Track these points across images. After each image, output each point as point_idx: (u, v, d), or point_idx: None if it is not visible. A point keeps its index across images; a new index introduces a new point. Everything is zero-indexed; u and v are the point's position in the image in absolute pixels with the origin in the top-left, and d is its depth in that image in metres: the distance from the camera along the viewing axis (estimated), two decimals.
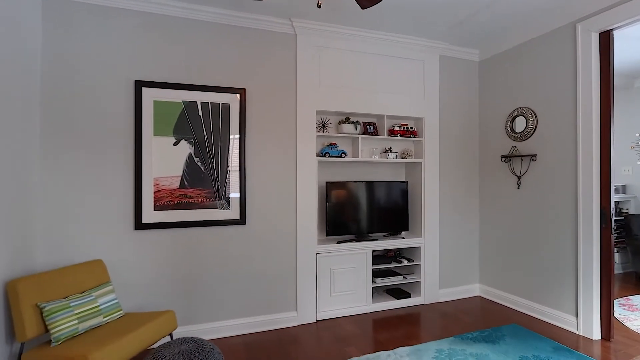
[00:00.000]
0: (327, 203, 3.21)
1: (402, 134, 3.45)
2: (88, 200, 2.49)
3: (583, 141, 2.76)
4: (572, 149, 2.85)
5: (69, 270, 2.21)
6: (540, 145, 3.12)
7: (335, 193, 3.24)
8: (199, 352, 1.88)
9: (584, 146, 2.76)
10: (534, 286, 3.17)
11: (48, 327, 1.92)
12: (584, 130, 2.76)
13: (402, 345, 2.62)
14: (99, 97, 2.52)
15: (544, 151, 3.08)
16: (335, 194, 3.25)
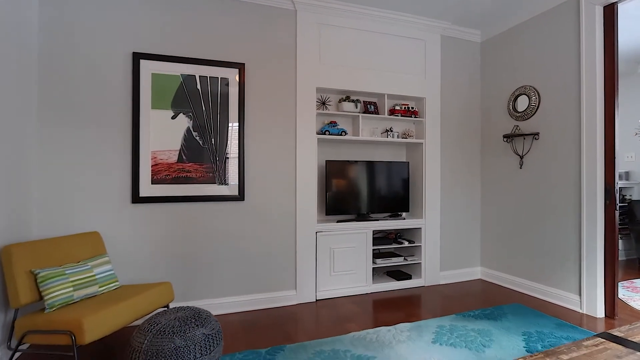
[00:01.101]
0: (327, 182, 3.17)
1: (402, 113, 3.42)
2: (85, 172, 2.45)
3: (587, 117, 2.72)
4: (576, 125, 2.81)
5: (65, 239, 2.18)
6: (542, 124, 3.08)
7: (335, 172, 3.21)
8: (195, 319, 1.85)
9: (588, 122, 2.71)
10: (536, 266, 3.13)
11: (42, 294, 1.88)
12: (588, 106, 2.72)
13: (403, 322, 2.58)
14: (97, 69, 2.48)
15: (546, 129, 3.04)
16: (335, 173, 3.21)
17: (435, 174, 3.49)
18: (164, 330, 1.72)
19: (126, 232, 2.54)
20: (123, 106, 2.54)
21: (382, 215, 3.59)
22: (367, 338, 2.30)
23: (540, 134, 3.10)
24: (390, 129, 3.45)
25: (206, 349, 1.77)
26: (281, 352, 2.12)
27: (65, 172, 2.41)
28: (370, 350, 2.13)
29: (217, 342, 1.85)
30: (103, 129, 2.50)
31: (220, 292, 2.77)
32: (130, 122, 2.56)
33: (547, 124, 3.04)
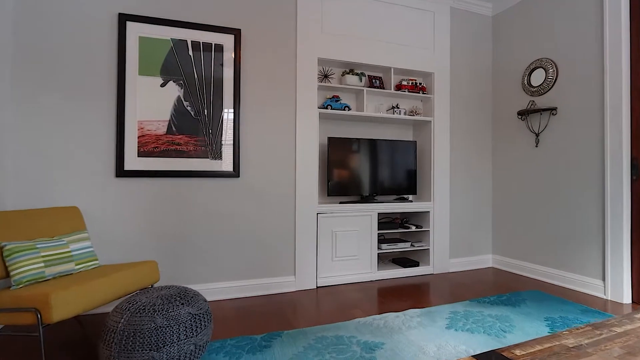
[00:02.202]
0: (328, 160, 2.96)
1: (410, 89, 3.20)
2: (65, 141, 2.24)
3: (611, 88, 2.51)
4: (598, 97, 2.59)
5: (40, 212, 1.97)
6: (560, 98, 2.86)
7: (337, 150, 2.99)
8: (180, 297, 1.63)
9: (612, 93, 2.50)
10: (555, 252, 2.90)
11: (8, 269, 1.67)
12: (612, 76, 2.50)
13: (413, 308, 2.36)
14: (79, 29, 2.27)
15: (565, 103, 2.83)
16: (338, 151, 2.99)
17: (444, 153, 3.28)
18: (144, 308, 1.51)
19: (109, 209, 2.32)
20: (107, 71, 2.33)
21: (388, 198, 3.38)
22: (374, 324, 2.08)
23: (558, 109, 2.88)
24: (396, 106, 3.24)
25: (192, 330, 1.55)
26: (278, 339, 1.90)
27: (42, 139, 2.20)
28: (377, 337, 1.91)
29: (205, 324, 1.63)
30: (85, 95, 2.28)
31: (213, 277, 2.55)
32: (115, 88, 2.34)
33: (565, 97, 2.82)
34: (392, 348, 1.78)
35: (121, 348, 1.41)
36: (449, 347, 1.79)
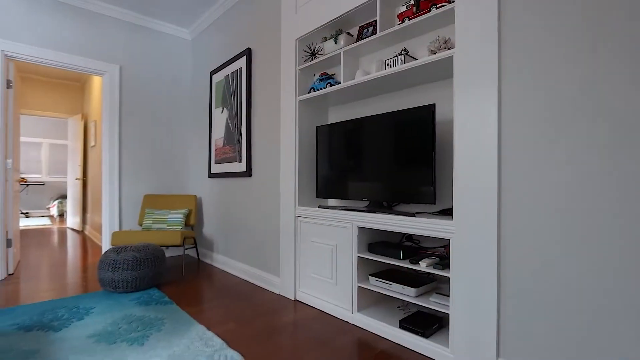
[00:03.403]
0: (317, 154, 2.45)
1: (409, 16, 1.82)
2: (195, 158, 3.88)
3: None
4: None
5: (173, 196, 3.71)
6: None
7: (325, 141, 2.38)
8: (145, 250, 2.63)
9: None
10: None
11: (143, 221, 3.49)
12: None
13: None
14: (187, 88, 3.82)
15: None
16: (326, 142, 2.38)
17: (479, 121, 1.49)
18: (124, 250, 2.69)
19: (206, 197, 3.67)
20: (206, 109, 3.70)
21: (396, 203, 2.07)
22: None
23: None
24: (404, 51, 1.94)
25: (134, 265, 2.52)
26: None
27: (190, 158, 3.97)
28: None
29: (147, 265, 2.52)
30: (201, 128, 3.80)
31: (234, 255, 3.15)
32: (208, 120, 3.66)
33: None
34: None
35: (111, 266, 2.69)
36: None
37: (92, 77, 5.52)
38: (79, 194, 5.80)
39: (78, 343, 1.79)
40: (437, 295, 1.75)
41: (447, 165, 1.90)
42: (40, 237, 5.19)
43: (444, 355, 1.62)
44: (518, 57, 1.41)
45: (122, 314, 2.19)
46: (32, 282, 2.89)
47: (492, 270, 1.45)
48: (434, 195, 1.72)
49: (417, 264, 1.77)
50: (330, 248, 2.22)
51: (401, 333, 1.81)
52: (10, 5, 3.00)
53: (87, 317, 2.14)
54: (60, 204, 7.26)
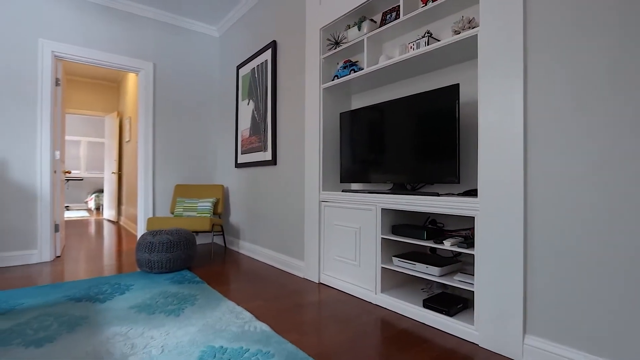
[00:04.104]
0: (341, 140, 2.51)
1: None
2: (222, 148, 4.03)
3: None
4: None
5: (203, 186, 3.88)
6: None
7: (349, 127, 2.44)
8: (178, 234, 2.80)
9: None
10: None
11: (174, 209, 3.68)
12: None
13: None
14: (215, 82, 3.97)
15: None
16: (350, 128, 2.44)
17: (511, 94, 1.50)
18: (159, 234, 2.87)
19: (233, 186, 3.81)
20: (232, 102, 3.84)
21: (420, 185, 2.09)
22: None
23: None
24: (427, 33, 1.97)
25: (168, 247, 2.69)
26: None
27: (218, 149, 4.13)
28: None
29: (179, 248, 2.69)
30: (228, 121, 3.94)
31: (260, 241, 3.25)
32: (235, 112, 3.80)
33: None
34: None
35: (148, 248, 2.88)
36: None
37: (127, 77, 5.84)
38: (114, 187, 6.15)
39: (121, 313, 1.94)
40: (461, 274, 1.76)
41: (470, 145, 1.91)
42: (80, 227, 5.56)
43: (468, 332, 1.64)
44: (545, 32, 1.41)
45: (158, 290, 2.34)
46: (77, 263, 3.13)
47: (519, 248, 1.45)
48: (457, 174, 1.74)
49: (441, 243, 1.79)
50: (354, 231, 2.27)
51: (425, 312, 1.83)
52: (58, 10, 3.25)
53: (128, 292, 2.30)
54: (97, 198, 7.71)
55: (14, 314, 1.92)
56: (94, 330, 1.71)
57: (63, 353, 1.49)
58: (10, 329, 1.73)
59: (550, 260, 1.38)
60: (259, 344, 1.57)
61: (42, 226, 3.16)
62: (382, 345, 1.59)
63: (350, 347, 1.58)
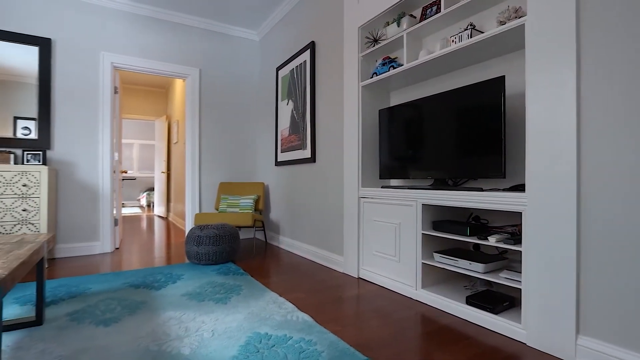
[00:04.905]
0: (380, 137, 2.52)
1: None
2: (260, 146, 4.18)
3: None
4: None
5: (245, 183, 4.05)
6: None
7: (388, 123, 2.45)
8: (223, 229, 2.98)
9: None
10: None
11: (219, 205, 3.88)
12: None
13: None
14: (255, 84, 4.10)
15: None
16: (389, 124, 2.44)
17: (562, 84, 1.44)
18: (205, 228, 3.06)
19: (272, 184, 3.94)
20: (272, 102, 3.97)
21: (462, 181, 2.04)
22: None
23: None
24: (470, 25, 1.93)
25: (215, 241, 2.87)
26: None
27: (259, 148, 4.28)
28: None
29: (224, 242, 2.86)
30: (268, 121, 4.08)
31: (299, 237, 3.34)
32: (275, 112, 3.92)
33: None
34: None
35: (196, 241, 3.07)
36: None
37: (175, 83, 6.22)
38: (164, 185, 6.58)
39: (174, 299, 2.10)
40: (508, 271, 1.71)
41: (515, 139, 1.84)
42: (134, 222, 6.02)
43: (515, 331, 1.59)
44: (599, 18, 1.33)
45: (206, 280, 2.49)
46: (133, 254, 3.41)
47: (571, 244, 1.39)
48: (503, 169, 1.69)
49: (485, 239, 1.75)
50: (393, 227, 2.27)
51: (468, 309, 1.80)
52: (115, 24, 3.56)
53: (179, 281, 2.48)
54: (148, 195, 8.29)
55: (84, 297, 2.15)
56: (152, 314, 1.87)
57: (127, 332, 1.65)
58: (83, 309, 1.94)
59: (605, 256, 1.30)
60: (301, 333, 1.63)
61: (104, 221, 3.48)
62: (424, 340, 1.59)
63: (391, 340, 1.59)
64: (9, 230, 2.74)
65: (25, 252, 1.46)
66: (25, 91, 3.18)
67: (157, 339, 1.57)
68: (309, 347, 1.49)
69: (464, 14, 1.99)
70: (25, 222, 2.79)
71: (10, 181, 2.75)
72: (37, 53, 3.21)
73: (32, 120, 3.20)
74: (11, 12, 3.11)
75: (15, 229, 2.76)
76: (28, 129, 3.20)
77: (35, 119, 3.21)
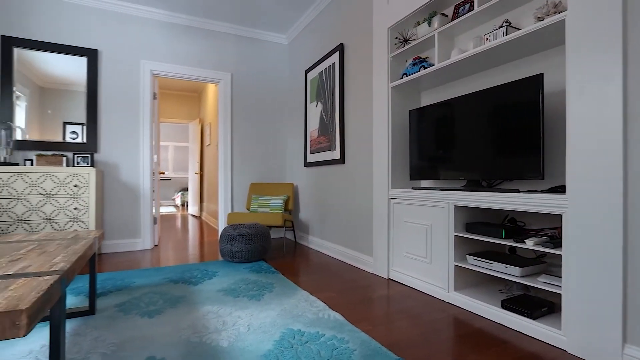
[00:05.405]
0: (410, 138, 2.51)
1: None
2: (289, 147, 4.25)
3: None
4: None
5: (275, 184, 4.15)
6: None
7: (419, 123, 2.43)
8: (255, 228, 3.08)
9: None
10: None
11: (250, 205, 3.99)
12: None
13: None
14: (284, 87, 4.18)
15: None
16: (419, 125, 2.43)
17: (607, 81, 1.38)
18: (238, 227, 3.18)
19: (302, 184, 4.00)
20: (301, 104, 4.03)
21: (497, 182, 1.99)
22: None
23: None
24: (505, 22, 1.88)
25: (246, 239, 2.98)
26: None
27: (288, 149, 4.36)
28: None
29: (256, 241, 2.96)
30: (297, 123, 4.15)
31: (328, 237, 3.37)
32: (304, 114, 3.99)
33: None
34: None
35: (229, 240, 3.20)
36: None
37: (207, 87, 6.47)
38: (197, 186, 6.85)
39: (211, 295, 2.21)
40: (546, 276, 1.65)
41: (553, 139, 1.77)
42: (170, 221, 6.31)
43: (555, 337, 1.54)
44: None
45: (240, 277, 2.59)
46: (170, 251, 3.59)
47: (616, 247, 1.33)
48: (541, 170, 1.64)
49: (522, 242, 1.70)
50: (424, 228, 2.26)
51: (504, 313, 1.76)
52: (154, 33, 3.77)
53: (215, 277, 2.59)
54: (182, 195, 8.66)
55: (129, 290, 2.30)
56: (191, 308, 1.97)
57: (170, 324, 1.76)
58: (129, 301, 2.08)
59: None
60: (333, 331, 1.67)
61: (144, 219, 3.69)
62: (457, 342, 1.57)
63: (423, 341, 1.59)
64: (62, 226, 2.98)
65: (81, 247, 1.59)
66: (73, 98, 3.44)
67: (197, 331, 1.66)
68: (342, 345, 1.52)
69: (498, 11, 1.94)
70: (76, 220, 3.02)
71: (64, 182, 2.99)
72: (86, 63, 3.46)
73: (79, 125, 3.46)
74: (62, 26, 3.38)
75: (67, 226, 2.99)
76: (75, 133, 3.46)
77: (81, 124, 3.46)
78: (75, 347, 1.52)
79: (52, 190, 2.95)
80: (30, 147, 3.26)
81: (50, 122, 3.35)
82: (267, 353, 1.45)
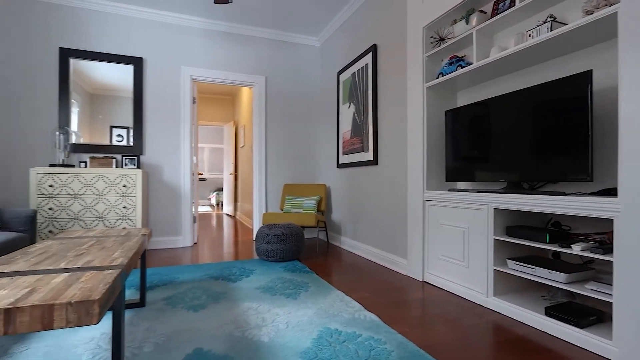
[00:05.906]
0: (446, 139, 2.48)
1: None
2: (322, 148, 4.30)
3: None
4: None
5: (308, 185, 4.22)
6: None
7: (455, 124, 2.39)
8: (289, 228, 3.17)
9: None
10: None
11: (283, 206, 4.09)
12: None
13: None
14: (317, 89, 4.22)
15: None
16: (456, 125, 2.38)
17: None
18: (273, 227, 3.28)
19: (334, 185, 4.04)
20: (333, 106, 4.06)
21: (539, 184, 1.91)
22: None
23: None
24: (550, 17, 1.81)
25: (281, 239, 3.08)
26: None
27: (321, 151, 4.41)
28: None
29: (282, 241, 3.05)
30: (329, 124, 4.19)
31: (361, 238, 3.38)
32: (336, 115, 4.02)
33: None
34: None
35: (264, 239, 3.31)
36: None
37: (241, 91, 6.67)
38: (232, 186, 7.09)
39: (250, 292, 2.30)
40: (595, 283, 1.58)
41: (601, 139, 1.68)
42: (206, 220, 6.59)
43: (604, 347, 1.46)
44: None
45: (276, 276, 2.67)
46: (209, 249, 3.76)
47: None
48: (590, 172, 1.56)
49: (568, 247, 1.63)
50: (461, 231, 2.21)
51: (547, 320, 1.69)
52: (193, 40, 3.96)
53: (252, 275, 2.69)
54: (217, 195, 8.99)
55: (173, 285, 2.44)
56: (232, 303, 2.07)
57: (213, 318, 1.86)
58: (175, 295, 2.21)
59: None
60: (369, 331, 1.69)
61: (185, 218, 3.89)
62: (497, 349, 1.54)
63: (461, 345, 1.57)
64: (113, 224, 3.22)
65: (134, 243, 1.72)
66: (119, 103, 3.69)
67: (239, 326, 1.75)
68: (379, 346, 1.54)
69: (541, 6, 1.87)
70: (125, 218, 3.25)
71: (114, 182, 3.22)
72: (132, 71, 3.71)
73: (124, 129, 3.70)
74: (110, 36, 3.64)
75: (117, 223, 3.22)
76: (121, 137, 3.71)
77: (127, 128, 3.70)
78: (130, 336, 1.65)
79: (103, 190, 3.19)
80: (83, 150, 3.54)
81: (99, 126, 3.61)
82: (307, 350, 1.50)
